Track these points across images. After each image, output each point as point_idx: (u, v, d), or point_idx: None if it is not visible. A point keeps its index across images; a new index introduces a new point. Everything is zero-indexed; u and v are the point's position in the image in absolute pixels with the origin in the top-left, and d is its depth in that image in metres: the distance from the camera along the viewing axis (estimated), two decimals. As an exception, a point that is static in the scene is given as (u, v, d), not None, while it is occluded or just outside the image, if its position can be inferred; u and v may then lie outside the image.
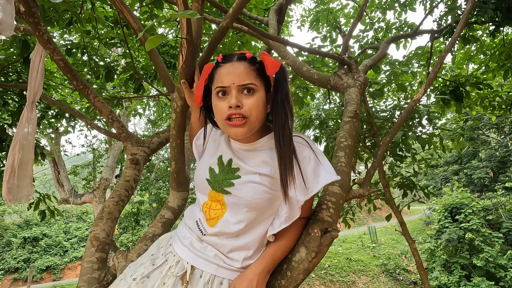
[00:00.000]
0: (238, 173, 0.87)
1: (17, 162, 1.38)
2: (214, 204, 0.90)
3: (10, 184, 1.38)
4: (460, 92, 3.69)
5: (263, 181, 0.84)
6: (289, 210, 0.86)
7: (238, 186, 0.85)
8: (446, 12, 2.70)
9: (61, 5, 2.04)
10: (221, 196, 0.88)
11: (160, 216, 1.29)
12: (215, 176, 0.90)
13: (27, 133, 1.44)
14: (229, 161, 0.90)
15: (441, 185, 15.52)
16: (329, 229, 0.96)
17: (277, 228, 0.86)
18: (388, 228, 17.45)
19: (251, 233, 0.87)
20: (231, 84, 0.80)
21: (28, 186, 1.47)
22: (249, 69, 0.81)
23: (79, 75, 1.45)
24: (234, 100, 0.79)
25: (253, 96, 0.81)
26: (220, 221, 0.86)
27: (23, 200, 1.46)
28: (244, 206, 0.84)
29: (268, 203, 0.85)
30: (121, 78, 3.95)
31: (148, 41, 0.89)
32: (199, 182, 0.94)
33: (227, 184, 0.86)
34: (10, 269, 13.90)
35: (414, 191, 2.03)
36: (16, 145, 1.40)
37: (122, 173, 1.53)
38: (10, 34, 1.11)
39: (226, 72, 0.81)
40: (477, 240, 9.70)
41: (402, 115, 1.24)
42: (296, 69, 1.76)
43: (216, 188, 0.88)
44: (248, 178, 0.85)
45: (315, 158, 0.85)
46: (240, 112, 0.79)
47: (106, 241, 1.25)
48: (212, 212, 0.89)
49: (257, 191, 0.83)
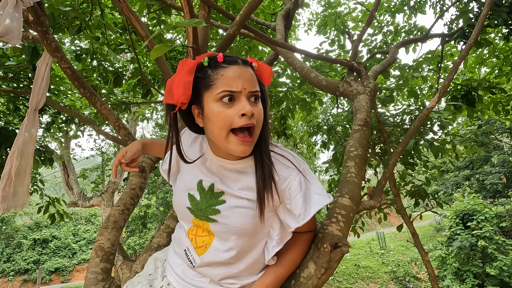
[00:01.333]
0: (223, 197, 0.78)
1: (14, 169, 1.37)
2: (200, 230, 0.82)
3: (6, 192, 1.36)
4: (472, 96, 3.59)
5: (251, 205, 0.76)
6: (281, 232, 0.80)
7: (225, 213, 0.76)
8: (458, 15, 2.63)
9: (70, 12, 2.06)
10: (206, 224, 0.79)
11: (166, 226, 1.27)
12: (197, 203, 0.80)
13: (27, 140, 1.43)
14: (211, 186, 0.80)
15: (452, 190, 15.19)
16: (339, 244, 0.92)
17: (272, 252, 0.79)
18: (397, 234, 17.12)
19: (244, 259, 0.80)
20: (242, 90, 0.69)
21: (24, 194, 1.45)
22: (254, 75, 0.74)
23: (86, 83, 1.45)
24: (249, 108, 0.68)
25: (259, 104, 0.73)
26: (209, 249, 0.79)
27: (18, 208, 1.44)
28: (233, 233, 0.76)
29: (259, 227, 0.78)
30: (129, 83, 3.98)
31: (153, 49, 0.87)
32: (179, 210, 0.85)
33: (211, 211, 0.77)
34: (20, 270, 14.12)
35: (426, 199, 1.97)
36: (14, 152, 1.39)
37: (128, 181, 1.51)
38: (17, 43, 1.11)
39: (236, 75, 0.69)
40: (490, 248, 9.42)
41: (415, 123, 1.20)
42: (304, 75, 1.73)
43: (199, 216, 0.79)
44: (235, 203, 0.77)
45: (305, 181, 0.77)
46: (253, 123, 0.69)
47: (111, 251, 1.23)
48: (199, 240, 0.81)
49: (246, 216, 0.75)
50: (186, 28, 0.91)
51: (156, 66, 3.90)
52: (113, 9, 3.21)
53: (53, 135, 5.50)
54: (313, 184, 0.78)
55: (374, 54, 2.92)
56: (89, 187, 13.82)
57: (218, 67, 0.71)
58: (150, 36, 1.56)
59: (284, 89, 3.19)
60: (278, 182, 0.76)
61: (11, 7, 1.09)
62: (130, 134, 1.62)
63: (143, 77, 2.18)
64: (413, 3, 4.06)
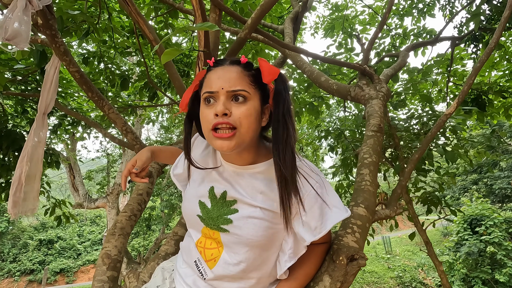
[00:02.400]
0: (235, 206, 0.75)
1: (24, 174, 1.36)
2: (209, 242, 0.78)
3: (16, 198, 1.35)
4: (482, 100, 3.52)
5: (265, 216, 0.73)
6: (294, 245, 0.76)
7: (237, 223, 0.73)
8: (469, 18, 2.58)
9: (78, 16, 2.06)
10: (216, 234, 0.76)
11: (174, 233, 1.24)
12: (208, 211, 0.77)
13: (36, 145, 1.42)
14: (223, 194, 0.77)
15: (459, 195, 14.96)
16: (355, 257, 0.88)
17: (284, 266, 0.76)
18: (403, 239, 16.91)
19: (255, 273, 0.77)
20: (219, 90, 0.68)
21: (34, 199, 1.44)
22: (242, 74, 0.71)
23: (94, 86, 1.44)
24: (220, 107, 0.67)
25: (244, 104, 0.69)
26: (218, 262, 0.76)
27: (29, 213, 1.43)
28: (245, 245, 0.73)
29: (272, 239, 0.75)
30: (136, 86, 3.99)
31: (164, 54, 0.85)
32: (189, 218, 0.82)
33: (223, 221, 0.75)
34: (26, 270, 14.23)
35: (439, 206, 1.91)
36: (24, 157, 1.38)
37: (135, 186, 1.49)
38: (25, 47, 1.10)
39: (216, 76, 0.70)
40: (499, 254, 9.23)
41: (432, 130, 1.16)
42: (314, 79, 1.70)
43: (210, 225, 0.77)
44: (248, 213, 0.73)
45: (322, 193, 0.74)
46: (228, 122, 0.67)
47: (118, 258, 1.20)
48: (208, 253, 0.78)
49: (259, 228, 0.72)
50: (197, 32, 0.88)
51: (162, 69, 3.90)
52: (121, 13, 3.22)
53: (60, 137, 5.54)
54: (331, 196, 0.75)
55: (383, 57, 2.88)
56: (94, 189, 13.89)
57: (209, 71, 0.74)
58: (158, 39, 1.54)
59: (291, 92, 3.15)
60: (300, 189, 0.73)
61: (20, 10, 1.08)
62: (137, 138, 1.60)
63: (150, 80, 2.17)
64: (422, 6, 4.01)
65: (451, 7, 3.89)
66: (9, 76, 2.85)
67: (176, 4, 2.12)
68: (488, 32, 3.35)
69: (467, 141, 2.14)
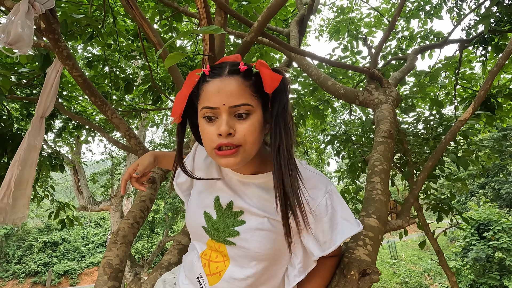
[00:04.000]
0: (242, 217, 0.71)
1: (14, 179, 1.30)
2: (215, 255, 0.74)
3: (4, 204, 1.28)
4: (491, 103, 3.45)
5: (273, 227, 0.69)
6: (304, 259, 0.72)
7: (244, 236, 0.69)
8: (478, 20, 2.53)
9: (83, 20, 2.06)
10: (222, 247, 0.72)
11: (177, 242, 1.20)
12: (213, 223, 0.74)
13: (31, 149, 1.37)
14: (229, 204, 0.73)
15: (465, 199, 14.75)
16: (368, 271, 0.83)
17: (293, 281, 0.72)
18: (408, 243, 16.68)
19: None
20: (220, 106, 0.63)
21: (24, 207, 1.37)
22: (243, 85, 0.64)
23: (97, 91, 1.42)
24: (224, 127, 0.62)
25: (247, 120, 0.64)
26: (223, 277, 0.72)
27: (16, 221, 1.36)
28: (253, 259, 0.69)
29: (281, 252, 0.71)
30: (140, 89, 3.98)
31: (168, 58, 0.81)
32: (194, 230, 0.79)
33: (229, 233, 0.71)
34: (30, 272, 14.29)
35: (450, 214, 1.85)
36: (16, 162, 1.33)
37: (138, 192, 1.46)
38: (27, 52, 1.08)
39: (215, 90, 0.64)
40: (508, 260, 9.04)
41: (446, 137, 1.11)
42: (321, 83, 1.66)
43: (216, 237, 0.73)
44: (256, 225, 0.70)
45: (332, 204, 0.69)
46: (232, 143, 0.63)
47: (119, 268, 1.17)
48: (213, 266, 0.73)
49: (267, 240, 0.68)
50: (202, 36, 0.85)
51: (166, 73, 3.89)
52: (126, 16, 3.22)
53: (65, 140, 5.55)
54: (341, 208, 0.70)
55: (390, 60, 2.83)
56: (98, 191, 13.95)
57: (204, 80, 0.66)
58: (162, 43, 1.52)
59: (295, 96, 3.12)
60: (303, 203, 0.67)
61: (22, 14, 1.06)
62: (140, 143, 1.57)
63: (154, 84, 2.15)
64: (429, 8, 3.95)
65: (459, 9, 3.84)
66: (14, 80, 2.85)
67: (180, 8, 2.10)
68: (497, 34, 3.28)
69: (477, 146, 2.08)
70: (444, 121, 1.91)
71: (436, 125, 1.90)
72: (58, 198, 4.36)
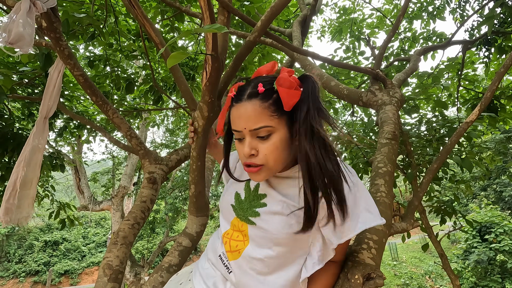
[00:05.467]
0: (265, 200, 0.77)
1: (20, 180, 1.30)
2: (236, 234, 0.81)
3: (9, 204, 1.29)
4: (494, 105, 3.43)
5: (292, 213, 0.72)
6: (323, 249, 0.74)
7: (264, 217, 0.75)
8: (482, 21, 2.51)
9: (84, 19, 2.05)
10: (244, 226, 0.78)
11: (178, 243, 1.19)
12: (240, 202, 0.82)
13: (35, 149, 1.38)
14: (256, 186, 0.81)
15: (467, 201, 14.69)
16: (372, 275, 0.82)
17: (311, 270, 0.74)
18: (409, 245, 16.62)
19: (278, 275, 0.75)
20: (242, 129, 0.70)
21: (29, 207, 1.38)
22: (261, 108, 0.68)
23: (98, 91, 1.41)
24: (246, 150, 0.70)
25: (269, 140, 0.69)
26: (242, 254, 0.77)
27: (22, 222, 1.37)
28: (271, 241, 0.73)
29: (297, 240, 0.73)
30: (141, 89, 3.98)
31: (170, 57, 0.80)
32: (224, 207, 0.87)
33: (252, 213, 0.77)
34: (31, 271, 14.31)
35: (453, 217, 1.83)
36: (21, 162, 1.34)
37: (138, 193, 1.45)
38: (28, 51, 1.07)
39: (237, 115, 0.71)
40: (510, 263, 9.00)
41: (452, 139, 1.09)
42: (324, 84, 1.64)
43: (240, 216, 0.80)
44: (276, 209, 0.74)
45: (354, 194, 0.71)
46: (254, 163, 0.70)
47: (119, 269, 1.16)
48: (233, 244, 0.80)
49: (285, 225, 0.72)
50: (205, 35, 0.84)
51: (168, 73, 3.89)
52: (127, 16, 3.21)
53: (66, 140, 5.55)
54: (364, 199, 0.72)
55: (393, 61, 2.81)
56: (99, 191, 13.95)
57: (232, 105, 0.75)
58: (164, 42, 1.51)
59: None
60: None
61: (24, 13, 1.05)
62: (141, 144, 1.56)
63: (155, 84, 2.14)
64: (432, 9, 3.93)
65: (462, 10, 3.82)
66: (15, 79, 2.85)
67: (182, 7, 2.09)
68: (501, 36, 3.26)
69: (481, 148, 2.06)
70: (447, 123, 1.90)
71: (439, 127, 1.88)
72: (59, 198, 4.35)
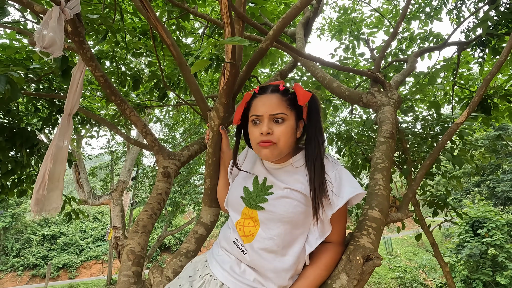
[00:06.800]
0: (272, 189, 0.93)
1: (48, 173, 1.39)
2: (247, 222, 0.93)
3: (39, 195, 1.38)
4: (487, 104, 3.55)
5: (295, 196, 0.89)
6: (321, 225, 0.91)
7: (272, 202, 0.90)
8: (477, 24, 2.62)
9: (96, 20, 2.13)
10: (254, 213, 0.92)
11: (194, 231, 1.30)
12: (249, 193, 0.96)
13: (61, 144, 1.47)
14: (264, 180, 0.97)
15: (461, 197, 14.97)
16: (371, 257, 0.94)
17: (314, 244, 0.89)
18: (404, 240, 16.94)
19: (286, 251, 0.89)
20: (263, 114, 0.90)
21: (58, 198, 1.48)
22: (281, 99, 0.90)
23: (117, 90, 1.50)
24: (265, 128, 0.89)
25: (283, 124, 0.89)
26: (255, 237, 0.90)
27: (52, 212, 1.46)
28: (278, 221, 0.88)
29: (301, 217, 0.89)
30: (146, 86, 4.05)
31: (194, 65, 0.92)
32: (233, 200, 1.00)
33: (261, 200, 0.92)
34: (29, 265, 14.35)
35: (445, 209, 1.97)
36: (49, 156, 1.43)
37: (154, 186, 1.56)
38: (59, 54, 1.16)
39: (261, 103, 0.91)
40: (500, 257, 9.26)
41: (443, 138, 1.21)
42: (326, 85, 1.75)
43: (250, 204, 0.93)
44: (281, 194, 0.90)
45: (340, 175, 0.90)
46: (270, 140, 0.88)
47: (141, 254, 1.27)
48: (246, 230, 0.93)
49: (289, 205, 0.88)
50: (225, 45, 0.95)
51: (171, 70, 3.97)
52: (134, 15, 3.28)
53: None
54: (348, 179, 0.90)
55: (391, 62, 2.92)
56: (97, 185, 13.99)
57: (254, 97, 0.96)
58: (175, 44, 1.60)
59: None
60: None
61: (55, 20, 1.15)
62: (156, 140, 1.67)
63: (164, 82, 2.23)
64: (429, 9, 4.04)
65: (458, 11, 3.92)
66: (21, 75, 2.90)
67: (190, 9, 2.17)
68: (495, 37, 3.38)
69: (472, 145, 2.19)
70: (441, 122, 2.02)
71: (433, 125, 2.01)
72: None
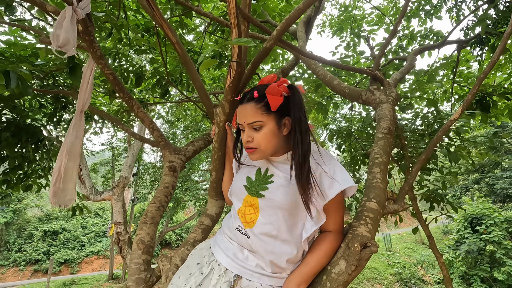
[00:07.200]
0: (272, 178, 1.01)
1: (63, 166, 1.47)
2: (248, 209, 1.01)
3: (56, 188, 1.47)
4: (486, 102, 3.61)
5: (292, 185, 0.96)
6: (317, 214, 0.97)
7: (272, 190, 0.97)
8: (476, 23, 2.66)
9: (101, 18, 2.17)
10: (255, 200, 0.99)
11: (200, 223, 1.37)
12: (251, 182, 1.04)
13: (74, 140, 1.53)
14: (266, 170, 1.04)
15: (460, 194, 15.06)
16: (368, 244, 1.01)
17: (310, 230, 0.95)
18: (403, 236, 17.06)
19: (285, 236, 0.95)
20: (243, 123, 0.99)
21: (72, 190, 1.56)
22: (255, 108, 0.97)
23: (125, 87, 1.56)
24: (245, 137, 0.99)
25: (261, 131, 0.97)
26: (256, 223, 0.97)
27: (67, 203, 1.54)
28: (277, 208, 0.95)
29: (297, 205, 0.95)
30: (149, 83, 4.10)
31: (202, 64, 0.98)
32: (236, 189, 1.08)
33: (261, 188, 1.00)
34: (31, 260, 14.48)
35: (441, 204, 2.03)
36: (63, 151, 1.50)
37: (161, 180, 1.62)
38: (73, 53, 1.22)
39: (239, 113, 1.00)
40: (498, 253, 9.35)
41: (438, 134, 1.27)
42: (327, 83, 1.80)
43: (252, 192, 1.01)
44: (280, 183, 0.98)
45: (333, 170, 0.96)
46: (251, 146, 0.98)
47: (150, 244, 1.34)
48: (248, 217, 1.00)
49: (287, 194, 0.95)
50: (232, 45, 1.00)
51: (174, 67, 4.02)
52: (137, 12, 3.31)
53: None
54: (340, 172, 0.96)
55: (391, 60, 2.97)
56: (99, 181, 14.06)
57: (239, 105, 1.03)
58: (180, 42, 1.65)
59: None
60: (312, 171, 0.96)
61: (68, 20, 1.20)
62: (162, 136, 1.72)
63: (168, 79, 2.29)
64: (429, 7, 4.07)
65: (458, 10, 3.96)
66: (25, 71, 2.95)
67: (194, 7, 2.21)
68: (494, 36, 3.42)
69: (470, 142, 2.24)
70: (439, 119, 2.07)
71: (431, 122, 2.06)
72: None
